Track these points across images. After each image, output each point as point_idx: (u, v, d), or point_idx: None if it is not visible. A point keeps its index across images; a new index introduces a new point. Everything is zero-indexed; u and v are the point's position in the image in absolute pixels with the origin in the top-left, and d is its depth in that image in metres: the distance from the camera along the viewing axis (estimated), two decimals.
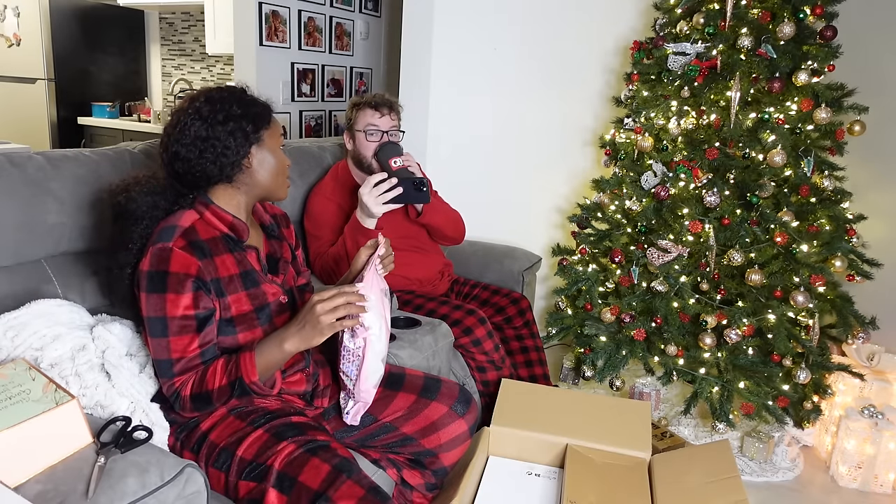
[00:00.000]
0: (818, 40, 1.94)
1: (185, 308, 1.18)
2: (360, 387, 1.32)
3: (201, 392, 1.19)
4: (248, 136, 1.25)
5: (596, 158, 2.70)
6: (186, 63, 4.80)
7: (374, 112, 1.95)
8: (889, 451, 1.93)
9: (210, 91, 1.27)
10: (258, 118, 1.26)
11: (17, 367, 1.12)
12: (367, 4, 4.23)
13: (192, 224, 1.24)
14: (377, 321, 1.29)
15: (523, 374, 2.20)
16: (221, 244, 1.27)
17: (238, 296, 1.27)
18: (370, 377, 1.32)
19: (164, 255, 1.18)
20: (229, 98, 1.25)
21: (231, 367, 1.18)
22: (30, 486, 0.97)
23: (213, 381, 1.18)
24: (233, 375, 1.18)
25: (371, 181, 1.78)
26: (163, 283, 1.17)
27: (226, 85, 1.32)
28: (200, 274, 1.20)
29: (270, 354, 1.20)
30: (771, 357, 2.01)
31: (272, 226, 1.43)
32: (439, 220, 2.06)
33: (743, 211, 2.01)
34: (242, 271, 1.29)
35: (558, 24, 2.67)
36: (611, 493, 1.56)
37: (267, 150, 1.29)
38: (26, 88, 4.26)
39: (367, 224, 1.84)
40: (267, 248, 1.40)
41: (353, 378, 1.32)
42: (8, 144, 2.81)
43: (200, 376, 1.19)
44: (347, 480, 1.13)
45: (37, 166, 1.39)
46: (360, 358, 1.29)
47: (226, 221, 1.28)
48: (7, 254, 1.34)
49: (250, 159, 1.27)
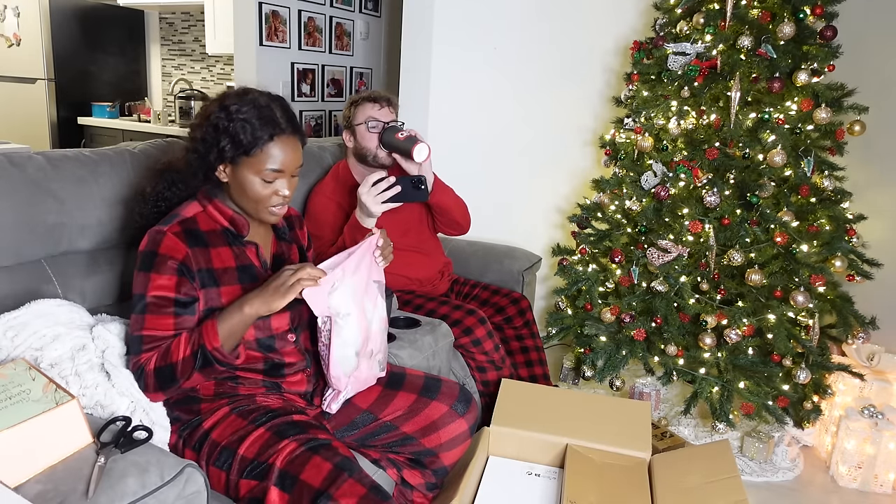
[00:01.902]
0: (818, 40, 1.94)
1: (166, 289, 1.22)
2: (330, 372, 1.34)
3: (165, 365, 1.20)
4: (223, 152, 1.23)
5: (596, 158, 2.70)
6: (186, 63, 4.80)
7: (373, 105, 1.95)
8: (889, 451, 1.93)
9: (245, 95, 1.26)
10: (243, 144, 1.22)
11: (17, 367, 1.12)
12: (367, 4, 4.23)
13: (193, 215, 1.30)
14: (352, 307, 1.30)
15: (523, 374, 2.20)
16: (221, 237, 1.31)
17: (232, 288, 1.29)
18: (339, 364, 1.33)
19: (157, 237, 1.23)
20: (247, 111, 1.23)
21: (194, 336, 1.20)
22: (30, 486, 0.97)
23: (178, 353, 1.19)
24: (195, 345, 1.19)
25: (369, 180, 1.78)
26: (150, 262, 1.22)
27: (268, 94, 1.28)
28: (187, 261, 1.24)
29: (231, 318, 1.21)
30: (771, 357, 2.01)
31: (283, 228, 1.45)
32: (448, 200, 2.04)
33: (743, 211, 2.01)
34: (239, 265, 1.32)
35: (558, 24, 2.67)
36: (611, 493, 1.56)
37: (244, 174, 1.25)
38: (26, 88, 4.26)
39: (366, 224, 1.84)
40: (275, 248, 1.41)
41: (325, 362, 1.34)
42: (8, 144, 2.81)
43: (165, 349, 1.21)
44: (349, 479, 1.14)
45: (37, 166, 1.39)
46: (327, 344, 1.31)
47: (226, 215, 1.32)
48: (7, 254, 1.34)
49: (220, 174, 1.27)
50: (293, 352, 1.38)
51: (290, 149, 1.26)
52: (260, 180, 1.25)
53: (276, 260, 1.40)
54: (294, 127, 1.28)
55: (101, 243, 1.50)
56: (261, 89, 1.29)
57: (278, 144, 1.24)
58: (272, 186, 1.26)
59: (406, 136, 1.84)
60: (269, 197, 1.27)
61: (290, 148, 1.26)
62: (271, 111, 1.24)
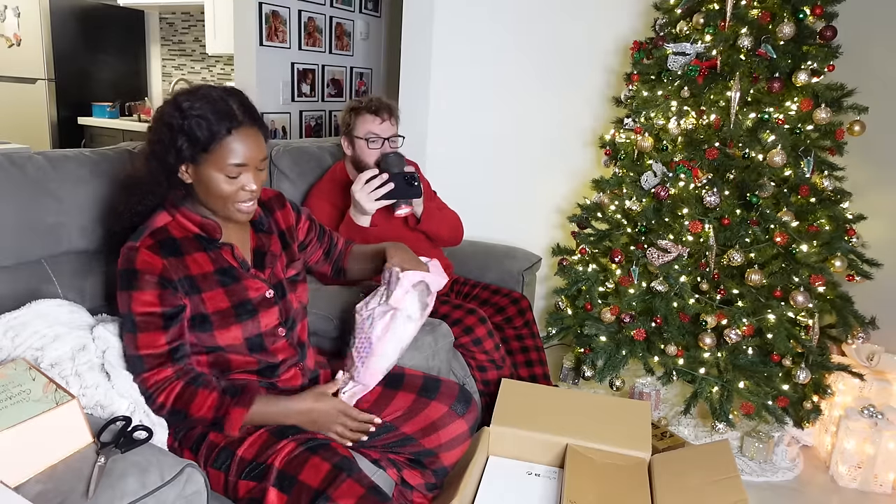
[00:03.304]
0: (818, 40, 1.94)
1: (151, 304, 1.20)
2: (369, 364, 1.34)
3: (182, 409, 1.20)
4: (181, 152, 1.19)
5: (596, 158, 2.70)
6: (186, 63, 4.80)
7: (374, 118, 1.92)
8: (889, 451, 1.93)
9: (197, 91, 1.22)
10: (201, 140, 1.18)
11: (17, 366, 1.12)
12: (367, 4, 4.23)
13: (164, 225, 1.26)
14: (419, 315, 1.36)
15: (524, 374, 2.20)
16: (194, 243, 1.28)
17: (214, 293, 1.27)
18: (382, 358, 1.34)
19: (131, 254, 1.21)
20: (201, 106, 1.19)
21: (222, 409, 1.20)
22: (30, 486, 0.97)
23: (199, 409, 1.20)
24: (217, 413, 1.21)
25: (362, 178, 1.78)
26: (129, 280, 1.21)
27: (223, 88, 1.25)
28: (166, 273, 1.22)
29: (268, 417, 1.26)
30: (771, 357, 2.01)
31: (260, 219, 1.39)
32: (437, 227, 2.05)
33: (743, 211, 2.01)
34: (218, 269, 1.29)
35: (558, 24, 2.67)
36: (611, 493, 1.56)
37: (208, 173, 1.21)
38: (26, 88, 4.26)
39: (360, 222, 1.84)
40: (254, 242, 1.38)
41: (365, 353, 1.33)
42: (8, 144, 2.81)
43: (188, 396, 1.20)
44: (348, 479, 1.13)
45: (37, 166, 1.39)
46: (377, 336, 1.32)
47: (195, 222, 1.28)
48: (7, 254, 1.34)
49: (182, 175, 1.24)
50: (284, 347, 1.36)
51: (252, 141, 1.22)
52: (224, 177, 1.21)
53: (256, 254, 1.36)
54: (253, 118, 1.24)
55: (101, 243, 1.50)
56: (214, 85, 1.26)
57: (238, 137, 1.20)
58: (237, 182, 1.23)
59: (400, 183, 1.81)
60: (235, 193, 1.23)
61: (251, 140, 1.22)
62: (227, 104, 1.20)
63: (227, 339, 1.28)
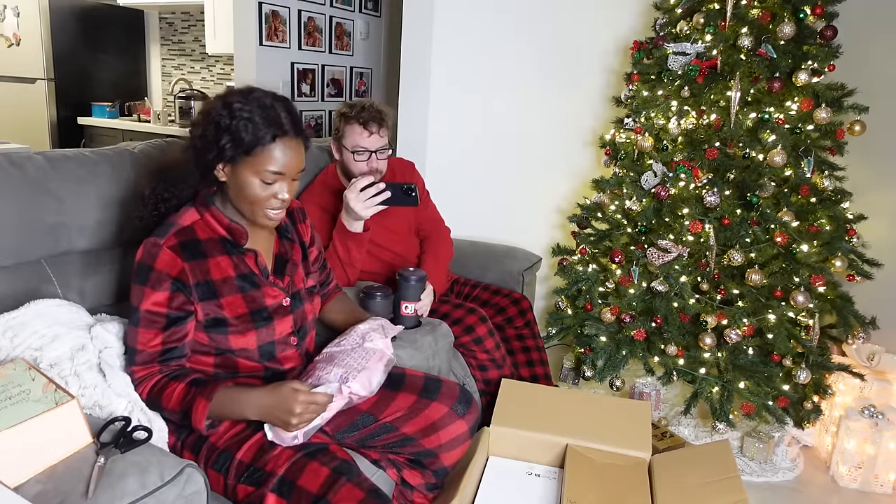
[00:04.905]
0: (818, 40, 1.94)
1: (158, 304, 1.21)
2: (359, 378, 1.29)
3: (156, 402, 1.22)
4: (223, 150, 1.21)
5: (596, 158, 2.70)
6: (186, 63, 4.80)
7: (362, 131, 1.86)
8: (889, 451, 1.93)
9: (250, 93, 1.23)
10: (244, 143, 1.19)
11: (16, 367, 1.12)
12: (367, 4, 4.23)
13: (191, 224, 1.27)
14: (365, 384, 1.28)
15: (524, 374, 2.20)
16: (219, 246, 1.28)
17: (233, 298, 1.28)
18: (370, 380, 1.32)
19: (153, 251, 1.22)
20: (251, 110, 1.20)
21: (187, 399, 1.19)
22: (30, 486, 0.97)
23: (168, 402, 1.21)
24: (184, 406, 1.20)
25: (357, 185, 1.74)
26: (145, 276, 1.22)
27: (273, 94, 1.25)
28: (183, 276, 1.22)
29: (226, 410, 1.21)
30: (771, 357, 2.01)
31: (286, 226, 1.42)
32: (443, 282, 2.05)
33: (743, 211, 2.01)
34: (239, 274, 1.29)
35: (558, 23, 2.67)
36: (611, 493, 1.56)
37: (244, 175, 1.22)
38: (26, 88, 4.26)
39: (353, 228, 1.79)
40: (277, 248, 1.39)
41: (358, 367, 1.31)
42: (8, 144, 2.81)
43: (160, 388, 1.21)
44: (347, 483, 1.13)
45: (37, 166, 1.39)
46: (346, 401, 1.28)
47: (223, 224, 1.29)
48: (7, 254, 1.34)
49: (218, 173, 1.25)
50: (294, 356, 1.38)
51: (293, 151, 1.24)
52: (259, 181, 1.23)
53: (277, 260, 1.38)
54: (298, 129, 1.25)
55: (100, 243, 1.50)
56: (266, 89, 1.27)
57: (280, 146, 1.22)
58: (271, 189, 1.24)
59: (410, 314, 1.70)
60: (266, 199, 1.24)
61: (293, 151, 1.24)
62: (276, 111, 1.22)
63: (241, 343, 1.29)
